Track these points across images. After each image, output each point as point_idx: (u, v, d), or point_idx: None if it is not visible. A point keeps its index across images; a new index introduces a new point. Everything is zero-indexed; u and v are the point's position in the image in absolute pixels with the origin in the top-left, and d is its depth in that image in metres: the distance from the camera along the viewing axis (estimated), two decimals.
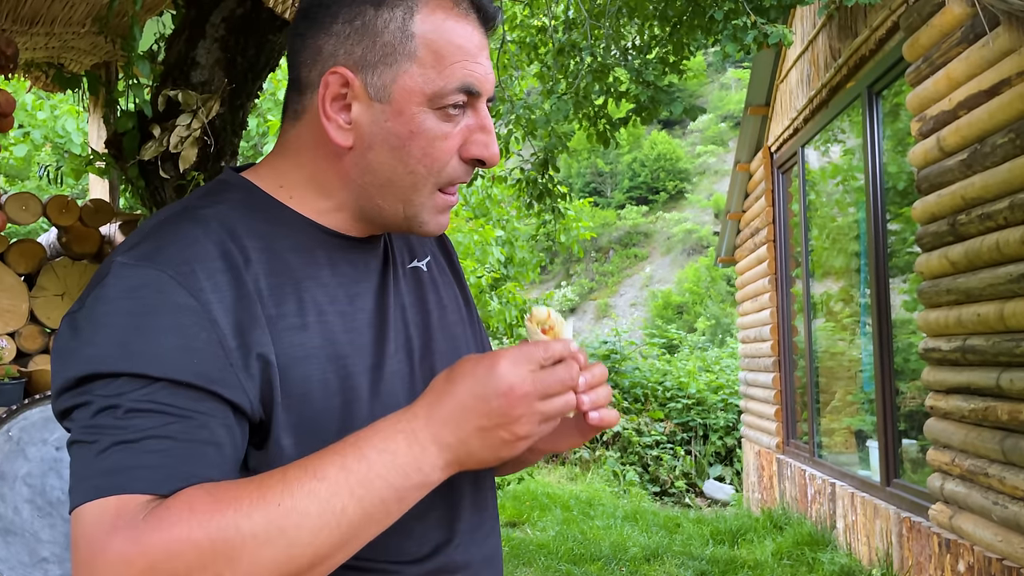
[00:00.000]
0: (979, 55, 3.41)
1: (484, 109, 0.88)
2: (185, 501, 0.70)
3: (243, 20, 2.60)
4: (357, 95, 0.84)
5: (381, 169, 0.86)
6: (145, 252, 0.79)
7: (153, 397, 0.73)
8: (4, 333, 2.75)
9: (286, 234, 0.86)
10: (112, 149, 2.61)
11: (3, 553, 2.37)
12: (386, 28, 0.84)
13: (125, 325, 0.75)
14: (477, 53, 0.86)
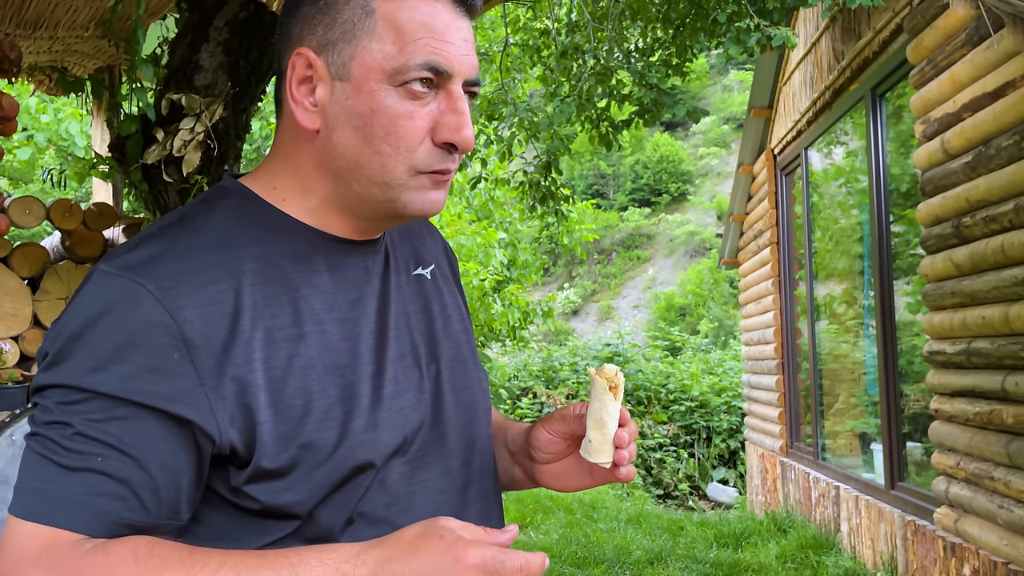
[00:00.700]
0: (983, 57, 3.40)
1: (457, 91, 0.84)
2: (129, 554, 0.72)
3: (246, 23, 2.60)
4: (320, 76, 0.83)
5: (348, 151, 0.83)
6: (132, 262, 0.79)
7: (105, 427, 0.74)
8: (7, 337, 2.75)
9: (283, 241, 0.86)
10: (116, 153, 2.61)
11: None
12: (347, 5, 0.82)
13: (98, 340, 0.75)
14: (445, 31, 0.82)
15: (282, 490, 0.80)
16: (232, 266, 0.80)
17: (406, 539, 0.74)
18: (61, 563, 0.72)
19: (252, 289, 0.80)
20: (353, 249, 0.90)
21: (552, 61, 4.71)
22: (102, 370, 0.74)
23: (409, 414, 0.88)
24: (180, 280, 0.77)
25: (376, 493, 0.84)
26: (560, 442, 0.97)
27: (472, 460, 0.94)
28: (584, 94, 4.53)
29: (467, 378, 0.97)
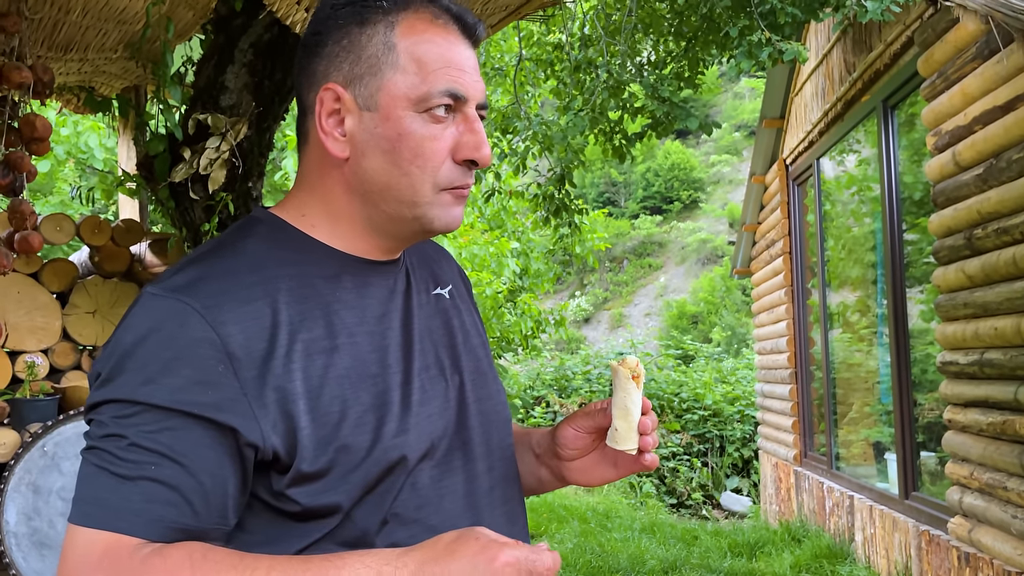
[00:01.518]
0: (994, 71, 3.44)
1: (472, 113, 0.92)
2: (186, 558, 0.78)
3: (270, 45, 2.67)
4: (348, 108, 0.91)
5: (377, 174, 0.91)
6: (176, 285, 0.85)
7: (157, 437, 0.80)
8: (38, 350, 2.83)
9: (314, 261, 0.92)
10: (144, 171, 2.68)
11: (38, 565, 2.43)
12: (370, 42, 0.90)
13: (148, 356, 0.81)
14: (460, 61, 0.91)
15: (321, 492, 0.85)
16: (268, 286, 0.87)
17: (443, 543, 0.79)
18: (121, 566, 0.77)
19: (288, 306, 0.87)
20: (376, 268, 0.97)
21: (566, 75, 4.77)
22: (153, 383, 0.80)
23: (435, 420, 0.94)
24: (222, 299, 0.84)
25: (408, 495, 0.90)
26: (586, 437, 1.03)
27: (495, 466, 1.00)
28: (597, 107, 4.59)
29: (487, 389, 1.03)
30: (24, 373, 2.67)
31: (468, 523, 0.95)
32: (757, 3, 3.88)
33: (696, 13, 4.40)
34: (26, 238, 2.35)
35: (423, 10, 0.91)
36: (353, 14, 0.91)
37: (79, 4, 2.44)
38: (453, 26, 0.92)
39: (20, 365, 2.75)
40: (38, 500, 2.45)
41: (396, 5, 0.91)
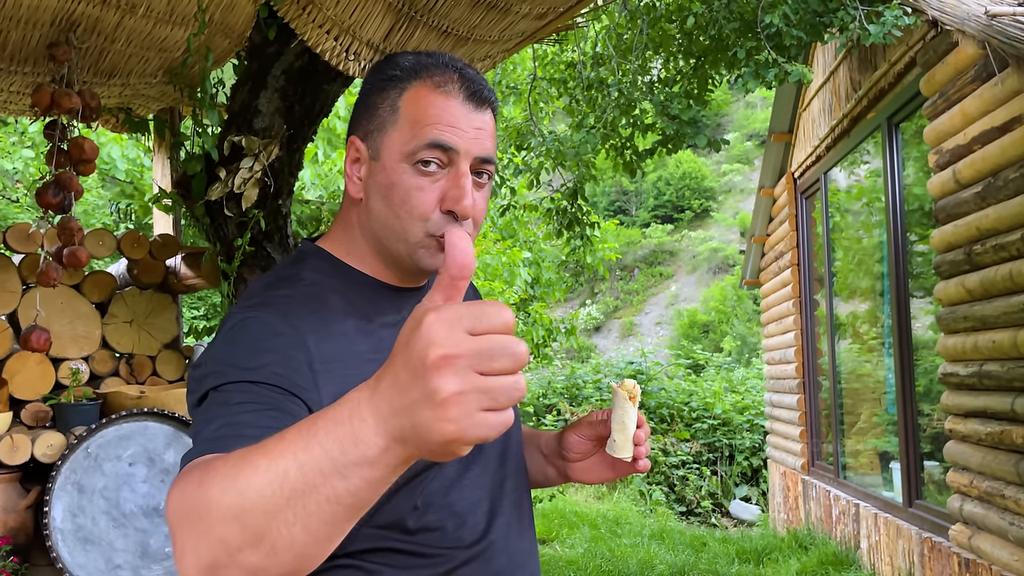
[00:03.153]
0: (991, 93, 3.57)
1: (463, 167, 1.02)
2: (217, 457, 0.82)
3: (301, 72, 2.83)
4: (364, 157, 1.08)
5: (378, 215, 1.06)
6: (255, 304, 1.02)
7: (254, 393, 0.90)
8: (79, 357, 2.99)
9: (355, 287, 1.08)
10: (181, 189, 2.84)
11: (82, 560, 2.59)
12: (382, 105, 1.06)
13: (240, 346, 0.96)
14: (452, 119, 1.02)
15: None
16: (325, 307, 1.03)
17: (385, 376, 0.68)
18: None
19: (342, 322, 1.03)
20: (403, 295, 1.12)
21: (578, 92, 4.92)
22: (245, 368, 0.93)
23: None
24: (291, 310, 1.01)
25: (437, 484, 1.05)
26: (587, 443, 1.19)
27: (507, 460, 1.16)
28: (609, 125, 4.74)
29: None
30: (68, 379, 2.84)
31: (485, 508, 1.10)
32: (764, 25, 4.02)
33: (705, 34, 4.55)
34: (74, 253, 2.51)
35: (429, 80, 1.05)
36: (377, 81, 1.08)
37: (124, 34, 2.61)
38: (456, 90, 1.04)
39: (63, 371, 2.91)
40: (82, 498, 2.61)
41: (409, 74, 1.06)
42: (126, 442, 2.70)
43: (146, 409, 2.70)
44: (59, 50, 2.53)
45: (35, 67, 2.71)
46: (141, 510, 2.70)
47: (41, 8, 2.42)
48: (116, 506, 2.66)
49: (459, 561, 1.05)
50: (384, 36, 2.79)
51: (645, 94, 4.82)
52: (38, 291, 2.83)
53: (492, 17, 2.93)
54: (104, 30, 2.56)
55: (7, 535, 2.56)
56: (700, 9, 4.38)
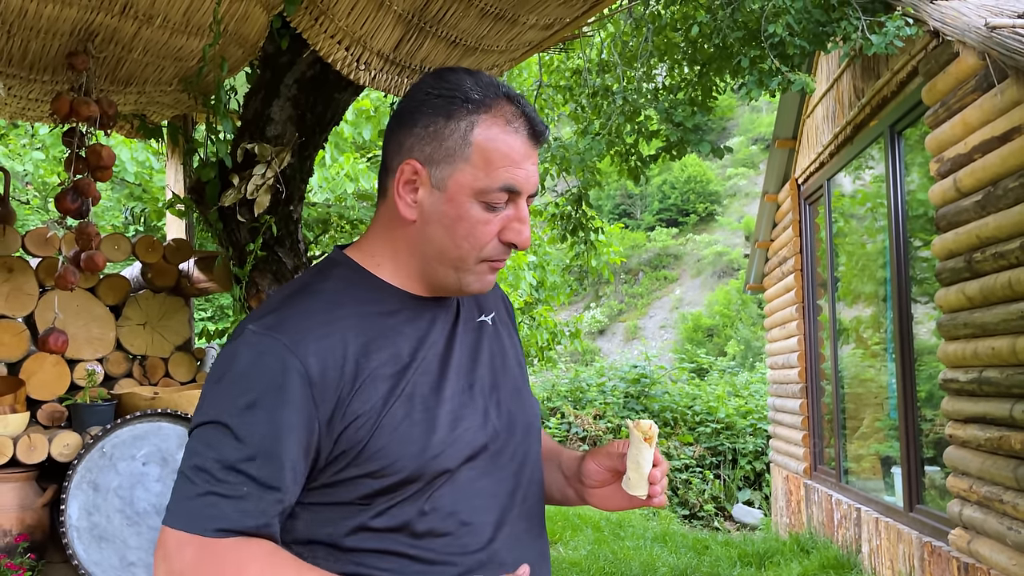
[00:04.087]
0: (991, 103, 3.62)
1: (523, 204, 1.11)
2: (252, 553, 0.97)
3: (312, 81, 2.89)
4: (423, 182, 1.09)
5: (435, 242, 1.10)
6: (270, 323, 1.06)
7: (247, 468, 0.98)
8: (94, 359, 3.06)
9: (378, 300, 1.12)
10: (195, 195, 2.91)
11: (97, 557, 2.65)
12: (452, 136, 1.08)
13: (245, 391, 1.01)
14: (521, 160, 1.09)
15: (372, 487, 1.05)
16: (339, 323, 1.07)
17: None
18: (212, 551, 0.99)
19: (355, 340, 1.07)
20: (428, 304, 1.16)
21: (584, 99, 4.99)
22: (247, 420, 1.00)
23: (476, 433, 1.13)
24: (308, 336, 1.04)
25: (447, 491, 1.09)
26: (605, 473, 1.22)
27: (523, 472, 1.19)
28: (614, 131, 4.80)
29: (522, 404, 1.22)
30: (83, 380, 2.90)
31: (494, 519, 1.13)
32: (767, 35, 4.08)
33: (709, 42, 4.61)
34: (91, 257, 2.57)
35: (500, 115, 1.09)
36: (443, 106, 1.09)
37: (141, 44, 2.67)
38: (523, 129, 1.09)
39: (79, 373, 2.98)
40: (97, 497, 2.68)
41: (479, 107, 1.08)
42: (140, 442, 2.76)
43: (159, 410, 2.76)
44: (78, 59, 2.60)
45: (54, 75, 2.78)
46: (154, 509, 2.76)
47: (61, 19, 2.49)
48: (130, 504, 2.73)
49: (464, 568, 1.08)
50: (394, 46, 2.85)
51: (650, 101, 4.88)
52: (56, 294, 2.89)
53: (500, 28, 2.99)
54: (122, 40, 2.62)
55: (24, 532, 2.62)
56: (704, 18, 4.44)
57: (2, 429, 2.59)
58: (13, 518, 2.63)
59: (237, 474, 0.98)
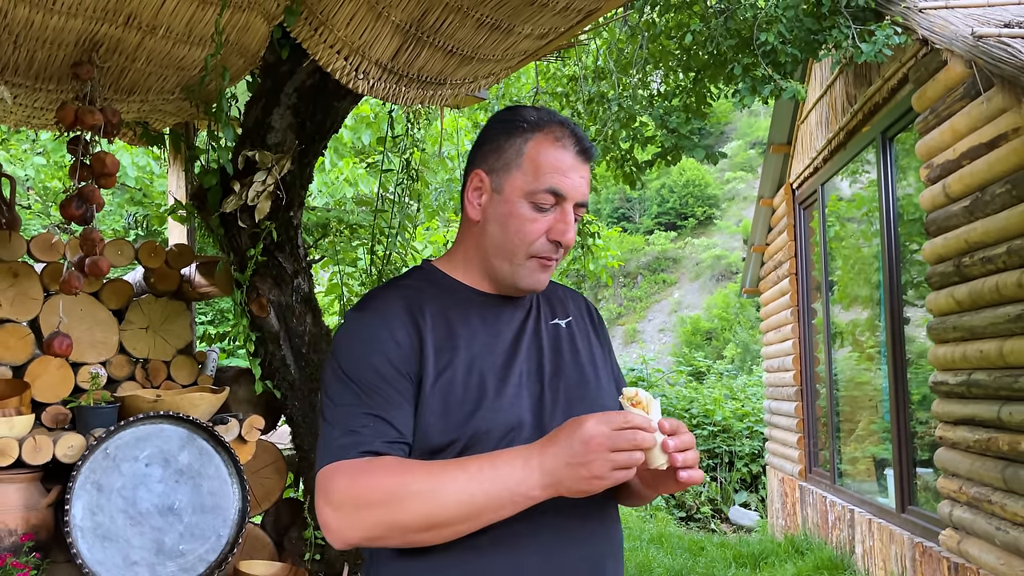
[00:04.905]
0: (979, 110, 3.68)
1: (568, 208, 1.31)
2: (386, 461, 1.18)
3: (312, 89, 2.95)
4: (486, 188, 1.34)
5: (493, 237, 1.32)
6: (364, 306, 1.33)
7: (371, 401, 1.22)
8: (97, 362, 3.11)
9: (451, 293, 1.36)
10: (197, 201, 2.96)
11: (101, 556, 2.71)
12: (510, 149, 1.32)
13: (356, 347, 1.27)
14: (567, 171, 1.30)
15: (430, 437, 1.24)
16: (419, 312, 1.30)
17: (555, 432, 1.14)
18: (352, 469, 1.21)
19: (429, 322, 1.29)
20: (494, 301, 1.37)
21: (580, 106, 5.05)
22: (360, 366, 1.25)
23: (522, 411, 1.28)
24: (389, 315, 1.29)
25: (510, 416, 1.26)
26: None
27: None
28: (609, 137, 4.86)
29: (586, 397, 1.35)
30: (87, 383, 2.96)
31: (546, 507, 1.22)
32: (759, 43, 4.14)
33: (704, 49, 4.67)
34: (96, 263, 2.63)
35: (550, 133, 1.31)
36: (504, 129, 1.34)
37: (144, 53, 2.73)
38: (571, 145, 1.31)
39: (82, 375, 3.03)
40: (101, 497, 2.73)
41: (533, 127, 1.32)
42: (143, 443, 2.82)
43: (162, 412, 2.81)
44: (82, 69, 2.66)
45: (59, 85, 2.84)
46: (157, 509, 2.81)
47: (66, 30, 2.55)
48: (133, 504, 2.78)
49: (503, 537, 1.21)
50: (392, 56, 2.92)
51: (645, 107, 4.94)
52: (60, 298, 2.95)
53: (495, 37, 3.05)
54: (125, 50, 2.68)
55: (29, 532, 2.68)
56: (698, 26, 4.50)
57: (7, 431, 2.64)
58: (18, 518, 2.68)
59: (360, 414, 1.22)
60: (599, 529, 1.31)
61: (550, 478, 1.11)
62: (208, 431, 2.88)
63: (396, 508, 1.13)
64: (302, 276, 3.18)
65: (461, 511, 1.12)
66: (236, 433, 3.00)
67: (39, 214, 8.69)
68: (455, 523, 1.13)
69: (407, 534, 1.14)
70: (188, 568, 2.86)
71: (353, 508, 1.14)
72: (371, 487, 1.15)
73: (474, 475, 1.13)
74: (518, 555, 1.21)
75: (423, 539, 1.15)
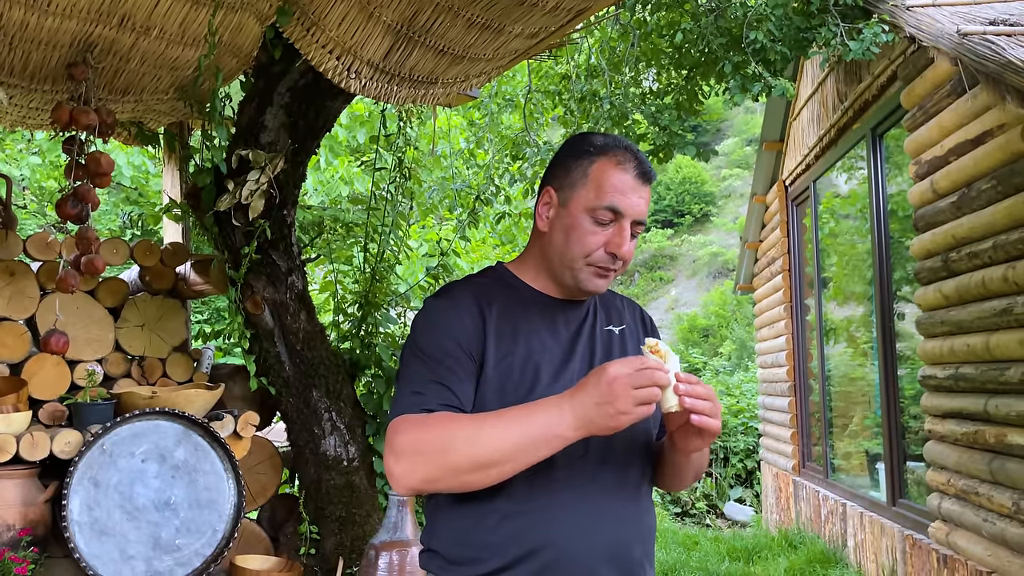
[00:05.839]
0: (966, 107, 3.73)
1: (625, 224, 1.44)
2: (440, 415, 1.35)
3: (305, 89, 2.99)
4: (554, 203, 1.49)
5: (557, 246, 1.48)
6: (440, 295, 1.51)
7: (436, 370, 1.39)
8: (93, 359, 3.15)
9: (516, 295, 1.51)
10: (191, 200, 3.00)
11: (98, 551, 2.74)
12: (576, 169, 1.48)
13: (428, 327, 1.44)
14: (626, 191, 1.44)
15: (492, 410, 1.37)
16: (487, 303, 1.46)
17: (582, 379, 1.29)
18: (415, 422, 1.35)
19: (494, 312, 1.45)
20: (557, 304, 1.52)
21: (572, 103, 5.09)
22: (432, 342, 1.42)
23: None
24: (459, 302, 1.46)
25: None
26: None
27: (615, 448, 1.43)
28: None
29: None
30: (83, 380, 2.99)
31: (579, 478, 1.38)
32: (749, 41, 4.18)
33: (695, 47, 4.71)
34: (91, 261, 2.67)
35: (613, 157, 1.46)
36: (572, 152, 1.50)
37: (138, 54, 2.77)
38: (631, 168, 1.45)
39: (79, 373, 3.07)
40: (98, 493, 2.77)
41: (598, 151, 1.47)
42: (139, 440, 2.85)
43: (158, 409, 2.85)
44: (77, 70, 2.69)
45: (54, 85, 2.87)
46: (153, 504, 2.85)
47: (61, 31, 2.58)
48: (129, 500, 2.81)
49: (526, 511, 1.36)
50: (384, 55, 2.95)
51: (637, 105, 4.98)
52: (57, 297, 2.98)
53: (486, 37, 3.09)
54: (120, 51, 2.71)
55: (27, 527, 2.71)
56: (689, 25, 4.54)
57: (5, 427, 2.68)
58: (16, 513, 2.72)
59: (426, 380, 1.38)
60: (631, 507, 1.45)
61: (581, 419, 1.25)
62: (204, 427, 2.91)
63: (448, 452, 1.28)
64: (296, 274, 3.22)
65: (503, 452, 1.27)
66: (231, 429, 3.03)
67: (35, 214, 8.71)
68: (499, 463, 1.27)
69: (459, 475, 1.29)
70: (184, 562, 2.90)
71: (412, 454, 1.30)
72: (427, 436, 1.31)
73: (513, 421, 1.29)
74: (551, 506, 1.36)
75: (474, 480, 1.29)
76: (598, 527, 1.37)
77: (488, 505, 1.37)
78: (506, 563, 1.35)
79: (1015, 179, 3.35)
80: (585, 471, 1.39)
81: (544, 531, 1.35)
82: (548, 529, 1.35)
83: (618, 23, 5.01)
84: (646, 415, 1.25)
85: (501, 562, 1.35)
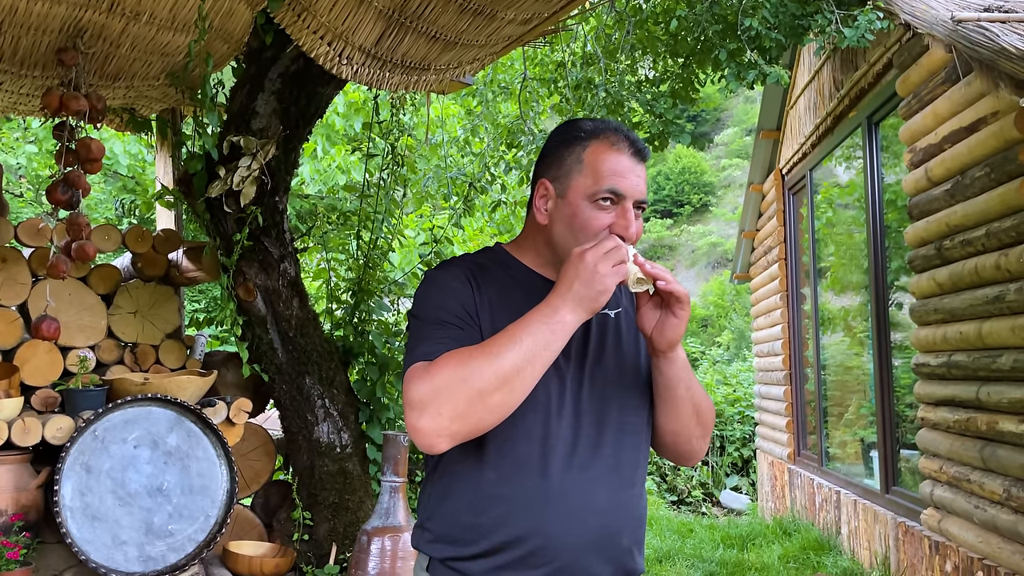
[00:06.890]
0: (960, 95, 3.72)
1: (628, 205, 1.42)
2: (445, 355, 1.35)
3: (296, 75, 2.98)
4: (551, 195, 1.46)
5: (560, 237, 1.45)
6: (438, 267, 1.52)
7: (441, 329, 1.39)
8: (86, 346, 3.15)
9: (511, 275, 1.51)
10: (183, 187, 3.00)
11: (90, 535, 2.75)
12: (569, 157, 1.45)
13: (430, 294, 1.45)
14: (624, 172, 1.42)
15: None
16: (480, 278, 1.47)
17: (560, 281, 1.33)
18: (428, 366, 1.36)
19: (487, 285, 1.46)
20: (553, 285, 1.46)
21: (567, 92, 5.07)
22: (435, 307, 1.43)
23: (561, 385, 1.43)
24: (457, 272, 1.46)
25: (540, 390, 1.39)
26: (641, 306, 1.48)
27: (604, 420, 1.44)
28: None
29: (623, 382, 1.49)
30: (75, 367, 3.00)
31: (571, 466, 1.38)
32: (744, 28, 4.17)
33: (690, 35, 4.69)
34: (82, 247, 2.66)
35: (606, 139, 1.44)
36: (563, 140, 1.47)
37: (128, 40, 2.76)
38: (625, 148, 1.43)
39: (71, 359, 3.07)
40: (90, 478, 2.77)
41: (589, 135, 1.44)
42: (131, 426, 2.86)
43: (150, 395, 2.85)
44: (67, 55, 2.68)
45: (44, 71, 2.86)
46: (145, 490, 2.86)
47: (50, 16, 2.57)
48: (122, 485, 2.82)
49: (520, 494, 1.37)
50: (375, 41, 2.94)
51: (632, 93, 4.96)
52: (48, 283, 2.98)
53: (478, 23, 3.08)
54: (110, 36, 2.70)
55: (19, 512, 2.72)
56: (684, 12, 4.52)
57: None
58: (8, 498, 2.73)
59: (432, 340, 1.38)
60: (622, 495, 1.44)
61: (572, 300, 1.30)
62: (196, 414, 2.92)
63: (468, 379, 1.28)
64: (288, 261, 3.22)
65: (520, 355, 1.29)
66: (224, 416, 3.04)
67: (31, 202, 8.69)
68: (520, 368, 1.29)
69: (485, 398, 1.28)
70: (177, 548, 2.91)
71: (433, 398, 1.29)
72: (442, 374, 1.30)
73: (514, 329, 1.31)
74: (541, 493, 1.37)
75: (501, 401, 1.29)
76: (587, 515, 1.38)
77: (480, 488, 1.38)
78: (493, 546, 1.36)
79: (1008, 166, 3.35)
80: (577, 459, 1.39)
81: (533, 518, 1.35)
82: (537, 516, 1.35)
83: (613, 10, 4.99)
84: (623, 276, 1.31)
85: (488, 545, 1.36)
